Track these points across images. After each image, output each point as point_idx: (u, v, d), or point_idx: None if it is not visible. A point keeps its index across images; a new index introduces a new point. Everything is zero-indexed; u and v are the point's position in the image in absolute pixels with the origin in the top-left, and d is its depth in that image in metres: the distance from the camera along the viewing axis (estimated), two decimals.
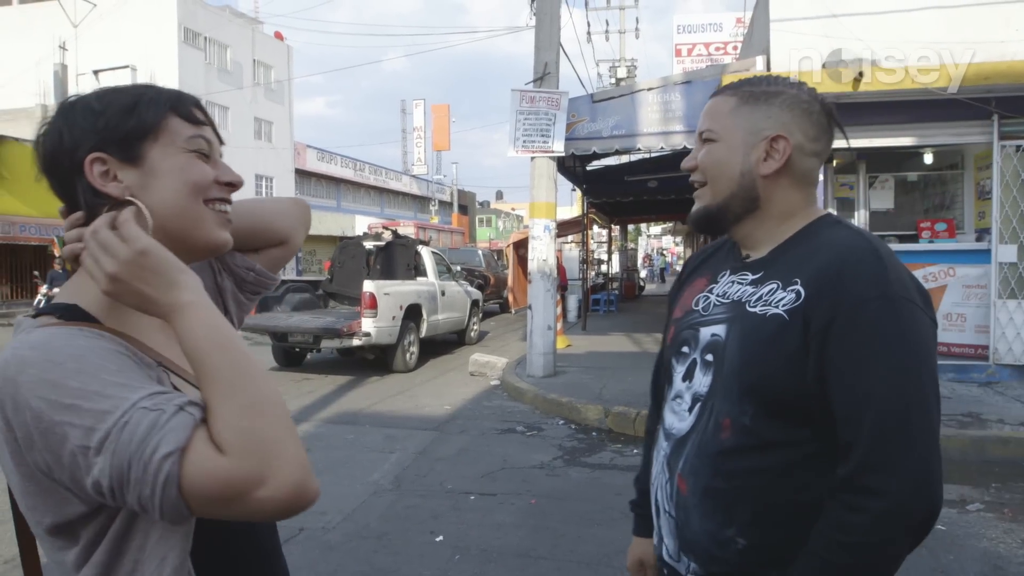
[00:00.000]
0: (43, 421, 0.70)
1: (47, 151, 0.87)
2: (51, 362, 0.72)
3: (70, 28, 22.88)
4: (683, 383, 1.21)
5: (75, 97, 0.90)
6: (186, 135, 0.89)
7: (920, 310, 1.02)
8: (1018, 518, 4.03)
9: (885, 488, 0.96)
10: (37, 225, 19.06)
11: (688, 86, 8.09)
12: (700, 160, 1.20)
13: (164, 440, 0.68)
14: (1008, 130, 7.05)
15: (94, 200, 0.84)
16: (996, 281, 7.18)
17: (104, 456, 0.69)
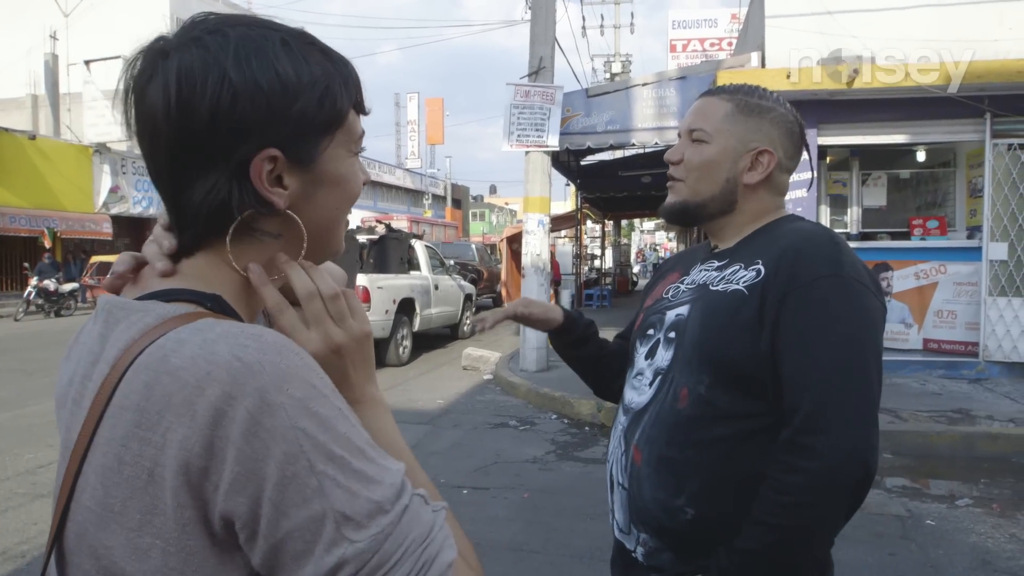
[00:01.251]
0: (298, 464, 0.53)
1: (202, 113, 0.59)
2: (314, 387, 0.56)
3: (61, 18, 22.72)
4: (645, 361, 1.26)
5: (239, 30, 0.62)
6: (358, 133, 0.70)
7: (870, 292, 1.10)
8: (1007, 513, 4.06)
9: (821, 448, 1.01)
10: (27, 216, 18.93)
11: (683, 82, 8.09)
12: (688, 157, 1.24)
13: (446, 545, 0.59)
14: (1000, 128, 7.08)
15: (252, 205, 0.63)
16: (987, 278, 7.23)
17: (371, 536, 0.54)
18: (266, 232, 0.66)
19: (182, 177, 0.62)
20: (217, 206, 0.62)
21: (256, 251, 0.66)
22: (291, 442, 0.53)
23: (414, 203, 42.89)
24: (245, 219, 0.64)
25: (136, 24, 20.67)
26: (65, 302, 16.58)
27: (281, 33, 0.64)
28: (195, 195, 0.62)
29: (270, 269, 0.67)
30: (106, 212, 21.82)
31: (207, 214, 0.63)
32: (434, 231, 28.00)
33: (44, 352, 10.33)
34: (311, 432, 0.54)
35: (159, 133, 0.61)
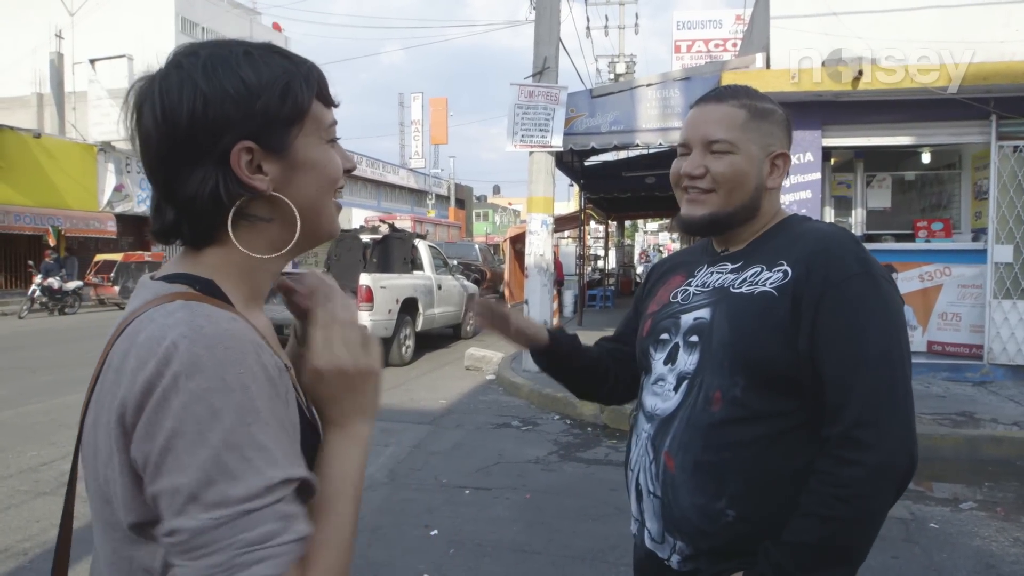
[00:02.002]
0: (176, 440, 0.63)
1: (181, 119, 0.72)
2: (223, 381, 0.65)
3: (66, 17, 22.78)
4: (665, 367, 1.25)
5: (208, 49, 0.75)
6: (327, 123, 0.80)
7: (893, 288, 1.14)
8: (1011, 517, 4.05)
9: (878, 442, 1.04)
10: (32, 215, 18.99)
11: (687, 83, 8.07)
12: (716, 169, 1.23)
13: (268, 562, 0.64)
14: (1006, 130, 7.06)
15: (237, 192, 0.73)
16: (992, 281, 7.20)
17: (205, 519, 0.62)
18: (259, 217, 0.77)
19: (175, 174, 0.73)
20: (210, 195, 0.73)
21: (255, 235, 0.77)
22: (181, 421, 0.63)
23: (417, 203, 42.92)
24: (240, 208, 0.75)
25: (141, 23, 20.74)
26: (69, 300, 16.61)
27: (245, 46, 0.77)
28: (189, 188, 0.73)
29: (267, 250, 0.78)
30: (110, 211, 21.87)
31: (203, 203, 0.73)
32: (437, 231, 28.01)
33: (48, 350, 10.35)
34: (200, 419, 0.63)
35: (151, 141, 0.74)
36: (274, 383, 0.69)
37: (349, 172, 0.86)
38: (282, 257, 0.80)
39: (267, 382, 0.68)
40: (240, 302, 0.77)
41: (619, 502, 4.18)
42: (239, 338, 0.68)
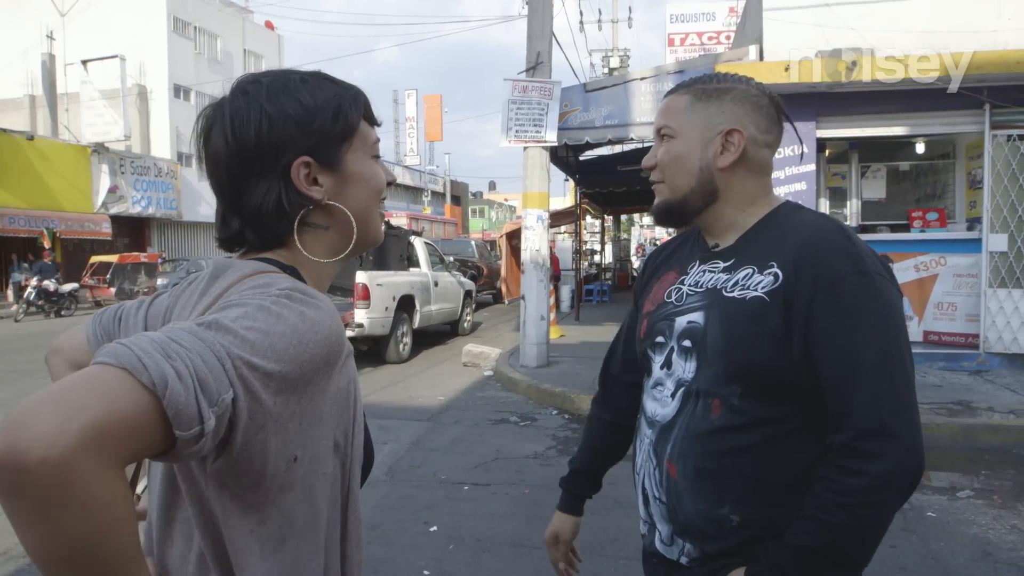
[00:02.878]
0: (230, 305, 0.73)
1: (249, 138, 0.82)
2: (302, 314, 0.73)
3: (57, 17, 22.67)
4: (662, 371, 1.24)
5: (270, 77, 0.86)
6: (372, 140, 0.91)
7: (888, 282, 1.10)
8: (1007, 504, 4.07)
9: (882, 452, 1.01)
10: (26, 217, 18.93)
11: (681, 76, 8.06)
12: (660, 157, 1.24)
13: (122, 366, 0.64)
14: (1000, 120, 7.07)
15: (298, 202, 0.84)
16: (987, 270, 7.22)
17: (191, 326, 0.70)
18: (318, 225, 0.87)
19: (243, 188, 0.83)
20: (274, 204, 0.82)
21: (314, 241, 0.87)
22: (244, 298, 0.73)
23: (413, 200, 42.84)
24: (301, 217, 0.84)
25: (133, 23, 20.59)
26: (65, 303, 16.58)
27: (300, 75, 0.88)
28: (255, 198, 0.83)
29: (328, 255, 0.88)
30: (105, 212, 21.82)
31: (268, 212, 0.83)
32: (433, 228, 27.97)
33: (44, 353, 10.33)
34: (263, 306, 0.71)
35: (220, 158, 0.83)
36: (336, 356, 0.75)
37: (390, 184, 0.96)
38: (338, 261, 0.90)
39: (329, 348, 0.74)
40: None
41: (617, 495, 4.19)
42: (335, 308, 0.77)
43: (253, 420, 0.67)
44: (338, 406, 0.78)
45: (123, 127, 21.83)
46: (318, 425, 0.75)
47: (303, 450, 0.74)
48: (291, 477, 0.74)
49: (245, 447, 0.68)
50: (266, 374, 0.67)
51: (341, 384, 0.78)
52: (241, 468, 0.70)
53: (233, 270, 0.82)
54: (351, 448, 0.83)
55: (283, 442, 0.71)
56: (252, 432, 0.68)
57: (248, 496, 0.72)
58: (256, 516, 0.73)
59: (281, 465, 0.72)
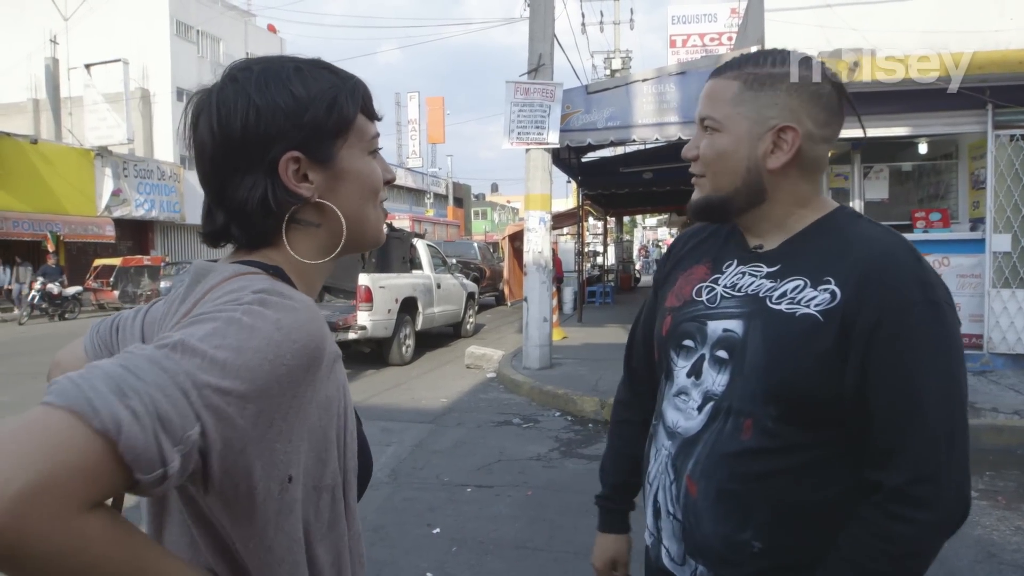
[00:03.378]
0: (203, 316, 0.69)
1: (235, 129, 0.77)
2: (221, 335, 0.67)
3: (61, 22, 22.74)
4: (688, 379, 1.13)
5: (261, 65, 0.80)
6: (369, 135, 0.85)
7: (954, 313, 1.00)
8: (1012, 505, 4.06)
9: (935, 500, 0.95)
10: (30, 221, 18.99)
11: (682, 77, 8.07)
12: (702, 151, 1.12)
13: (64, 397, 0.60)
14: (1002, 119, 7.05)
15: (285, 199, 0.78)
16: (990, 270, 7.20)
17: (152, 350, 0.65)
18: (308, 222, 0.82)
19: (227, 181, 0.78)
20: (259, 200, 0.77)
21: (304, 238, 0.82)
22: (217, 309, 0.69)
23: (416, 202, 42.89)
24: (292, 214, 0.80)
25: (136, 27, 20.66)
26: (69, 306, 16.61)
27: (296, 62, 0.81)
28: (240, 192, 0.77)
29: (318, 255, 0.83)
30: (108, 215, 21.88)
31: (253, 208, 0.77)
32: (436, 230, 28.01)
33: (48, 356, 10.31)
34: (233, 320, 0.66)
35: (206, 148, 0.78)
36: (316, 364, 0.70)
37: (389, 183, 0.90)
38: (330, 261, 0.85)
39: (309, 357, 0.68)
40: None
41: None
42: (317, 311, 0.73)
43: (229, 446, 0.62)
44: (328, 415, 0.73)
45: (126, 130, 21.88)
46: (308, 439, 0.70)
47: (298, 468, 0.69)
48: (290, 498, 0.69)
49: (226, 474, 0.63)
50: (241, 396, 0.62)
51: (329, 392, 0.73)
52: (227, 496, 0.65)
53: (213, 274, 0.77)
54: (344, 459, 0.78)
55: (271, 464, 0.66)
56: (230, 458, 0.63)
57: (245, 525, 0.68)
58: (262, 543, 0.69)
59: (273, 488, 0.67)
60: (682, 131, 7.93)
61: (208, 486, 0.64)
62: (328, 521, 0.75)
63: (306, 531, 0.72)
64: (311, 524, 0.73)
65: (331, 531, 0.76)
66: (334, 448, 0.75)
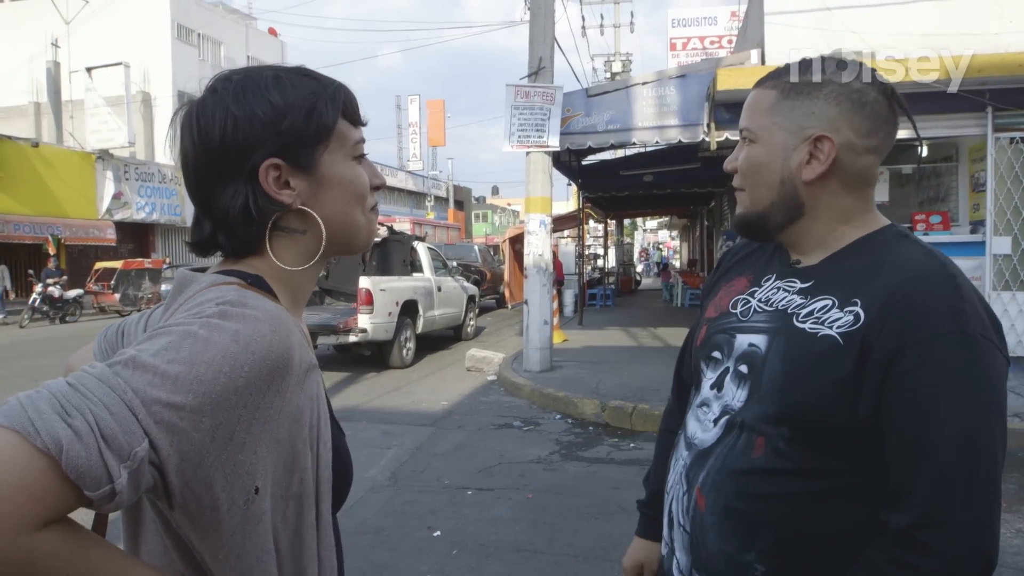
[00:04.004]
0: (160, 332, 0.69)
1: (214, 139, 0.78)
2: (176, 350, 0.67)
3: (62, 25, 22.78)
4: (711, 391, 1.11)
5: (241, 75, 0.82)
6: (352, 141, 0.85)
7: (997, 349, 0.92)
8: (1012, 508, 4.05)
9: (941, 547, 0.87)
10: (31, 224, 19.01)
11: (682, 80, 8.08)
12: (740, 163, 1.09)
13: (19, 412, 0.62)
14: (1002, 122, 7.06)
15: (266, 206, 0.79)
16: (991, 273, 7.20)
17: (103, 369, 0.66)
18: (293, 229, 0.82)
19: (210, 190, 0.79)
20: (241, 208, 0.78)
21: (290, 245, 0.83)
22: (176, 324, 0.69)
23: (416, 205, 42.93)
24: (276, 221, 0.80)
25: (137, 30, 20.68)
26: (70, 309, 16.62)
27: (276, 71, 0.82)
28: (223, 201, 0.78)
29: (304, 261, 0.84)
30: (109, 218, 21.89)
31: (235, 216, 0.78)
32: (436, 233, 28.02)
33: (49, 359, 10.36)
34: (189, 335, 0.67)
35: (189, 158, 0.80)
36: (281, 375, 0.70)
37: (378, 188, 0.89)
38: (316, 265, 0.86)
39: (271, 368, 0.68)
40: (285, 304, 0.81)
41: (621, 500, 4.18)
42: (285, 320, 0.72)
43: (186, 460, 0.62)
44: (297, 425, 0.72)
45: (127, 134, 21.91)
46: (275, 450, 0.70)
47: (265, 479, 0.69)
48: (257, 509, 0.69)
49: (186, 487, 0.64)
50: (194, 410, 0.62)
51: (300, 402, 0.73)
52: (191, 509, 0.66)
53: (194, 284, 0.78)
54: (317, 469, 0.77)
55: (234, 475, 0.66)
56: (188, 472, 0.63)
57: (212, 537, 0.68)
58: (231, 554, 0.69)
59: (238, 499, 0.67)
60: (682, 134, 7.95)
61: (171, 500, 0.65)
62: (294, 530, 0.75)
63: (275, 541, 0.72)
64: (278, 533, 0.73)
65: (297, 540, 0.75)
66: (303, 458, 0.74)
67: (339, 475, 0.82)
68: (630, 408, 6.13)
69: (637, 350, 9.78)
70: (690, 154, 10.13)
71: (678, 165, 11.61)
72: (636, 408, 6.09)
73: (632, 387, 7.00)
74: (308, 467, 0.75)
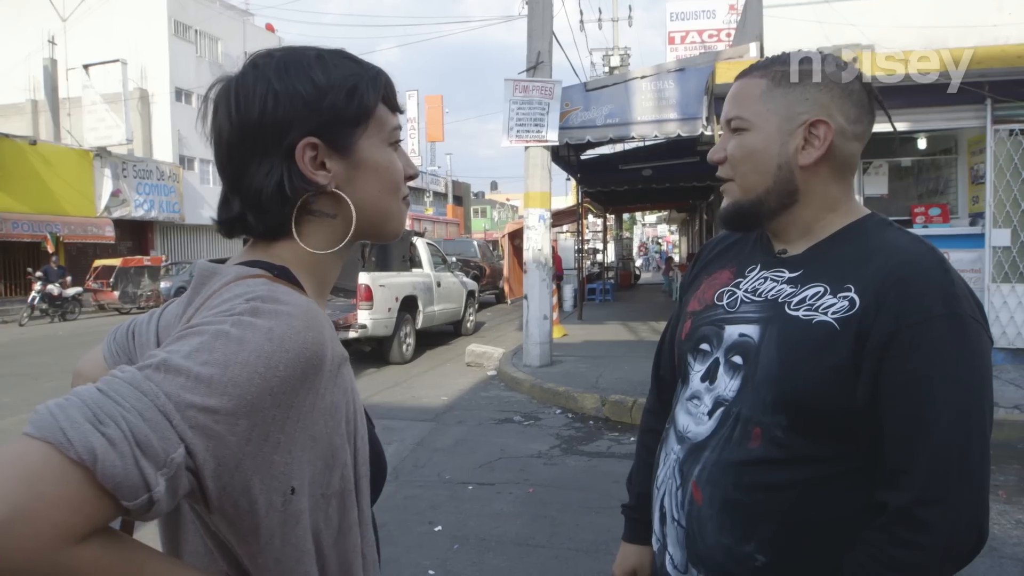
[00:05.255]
0: (192, 331, 0.67)
1: (253, 113, 0.76)
2: (211, 349, 0.65)
3: (59, 22, 22.72)
4: (702, 383, 1.11)
5: (283, 52, 0.80)
6: (391, 126, 0.83)
7: (984, 329, 0.96)
8: (1012, 499, 4.06)
9: (940, 524, 0.90)
10: (30, 222, 18.99)
11: (681, 74, 8.07)
12: (730, 152, 1.09)
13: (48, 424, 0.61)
14: (1001, 114, 7.05)
15: (301, 186, 0.76)
16: (990, 265, 7.21)
17: (135, 373, 0.64)
18: (323, 212, 0.80)
19: (244, 167, 0.77)
20: (275, 187, 0.76)
21: (319, 229, 0.80)
22: (207, 322, 0.66)
23: (415, 201, 42.88)
24: (307, 204, 0.78)
25: (134, 27, 20.65)
26: (69, 306, 16.62)
27: (318, 51, 0.81)
28: (256, 179, 0.76)
29: (332, 246, 0.81)
30: (108, 216, 21.87)
31: (268, 195, 0.76)
32: (436, 228, 28.02)
33: (49, 356, 10.36)
34: (221, 333, 0.65)
35: (223, 133, 0.78)
36: (316, 371, 0.68)
37: (411, 178, 0.87)
38: (344, 250, 0.83)
39: (305, 365, 0.66)
40: (311, 294, 0.79)
41: (622, 494, 4.18)
42: (317, 314, 0.70)
43: (223, 464, 0.61)
44: (334, 421, 0.71)
45: (125, 131, 21.87)
46: (312, 448, 0.68)
47: (300, 479, 0.67)
48: (295, 509, 0.67)
49: (223, 492, 0.62)
50: (230, 413, 0.61)
51: (335, 397, 0.71)
52: (228, 513, 0.64)
53: (216, 278, 0.76)
54: (356, 464, 0.75)
55: (270, 477, 0.64)
56: (225, 476, 0.62)
57: (251, 541, 0.66)
58: (270, 556, 0.67)
59: (276, 501, 0.65)
60: (681, 128, 7.94)
61: (208, 505, 0.63)
62: (337, 528, 0.73)
63: (316, 540, 0.71)
64: (321, 532, 0.71)
65: (341, 538, 0.74)
66: (342, 454, 0.73)
67: (376, 468, 0.81)
68: (630, 402, 6.14)
69: (636, 344, 9.79)
70: (689, 148, 10.11)
71: (677, 159, 11.60)
72: (636, 402, 6.09)
73: (632, 381, 7.01)
74: (348, 463, 0.73)
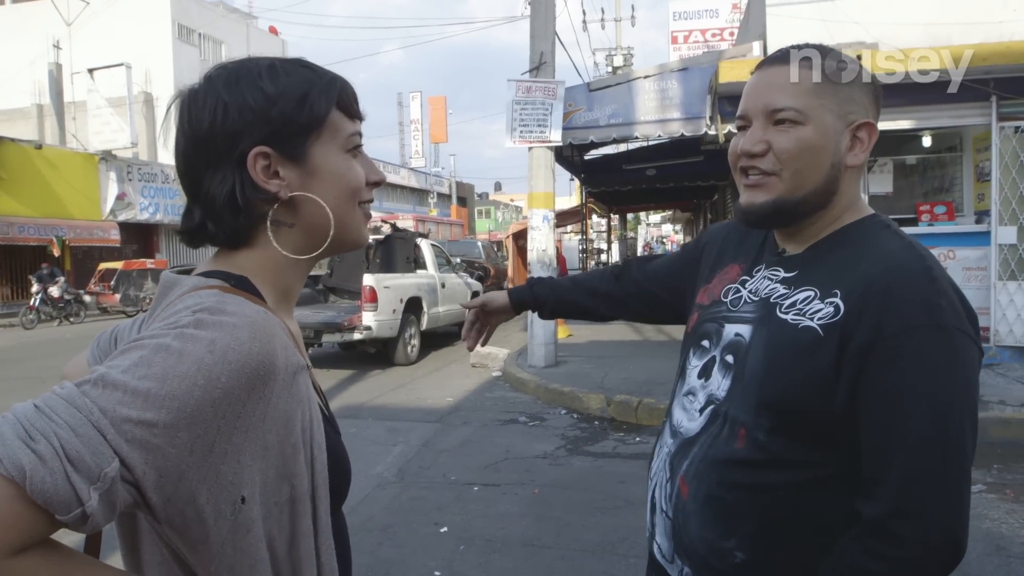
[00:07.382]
0: (133, 345, 0.68)
1: (203, 125, 0.78)
2: (160, 363, 0.66)
3: (63, 27, 22.81)
4: (698, 380, 1.13)
5: (236, 64, 0.81)
6: (347, 133, 0.83)
7: (971, 341, 0.93)
8: (1020, 499, 4.04)
9: (911, 537, 0.89)
10: (36, 226, 19.05)
11: (684, 73, 8.06)
12: (780, 145, 1.02)
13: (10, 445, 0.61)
14: (1007, 111, 7.03)
15: (253, 195, 0.78)
16: (996, 263, 7.18)
17: (71, 389, 0.65)
18: (282, 222, 0.80)
19: (199, 175, 0.79)
20: (227, 195, 0.77)
21: (279, 238, 0.81)
22: (150, 337, 0.67)
23: (419, 202, 42.92)
24: (263, 213, 0.79)
25: (138, 31, 20.73)
26: (72, 309, 16.67)
27: (271, 61, 0.82)
28: (211, 187, 0.77)
29: (292, 255, 0.81)
30: (113, 219, 21.92)
31: (221, 203, 0.77)
32: (440, 229, 28.03)
33: (55, 360, 10.39)
34: (163, 347, 0.65)
35: (180, 144, 0.80)
36: (263, 381, 0.68)
37: (375, 184, 0.87)
38: (307, 261, 0.83)
39: (250, 375, 0.67)
40: (271, 303, 0.80)
41: (628, 495, 4.19)
42: (266, 324, 0.71)
43: (165, 476, 0.61)
44: (286, 430, 0.71)
45: (130, 134, 21.93)
46: (263, 457, 0.69)
47: (251, 488, 0.68)
48: (245, 518, 0.68)
49: (169, 503, 0.63)
50: (169, 426, 0.61)
51: (289, 407, 0.71)
52: (176, 523, 0.65)
53: (176, 288, 0.77)
54: (312, 472, 0.75)
55: (218, 486, 0.65)
56: (169, 488, 0.62)
57: (202, 550, 0.67)
58: (223, 564, 0.68)
59: (225, 510, 0.66)
60: (685, 127, 7.92)
61: (155, 516, 0.64)
62: (289, 536, 0.73)
63: (271, 548, 0.71)
64: (275, 540, 0.72)
65: (294, 546, 0.74)
66: (295, 463, 0.73)
67: (336, 475, 0.81)
68: (635, 402, 6.13)
69: (641, 344, 9.78)
70: (693, 147, 10.10)
71: (681, 159, 11.59)
72: (641, 402, 6.08)
73: (637, 381, 7.00)
74: (302, 471, 0.73)
